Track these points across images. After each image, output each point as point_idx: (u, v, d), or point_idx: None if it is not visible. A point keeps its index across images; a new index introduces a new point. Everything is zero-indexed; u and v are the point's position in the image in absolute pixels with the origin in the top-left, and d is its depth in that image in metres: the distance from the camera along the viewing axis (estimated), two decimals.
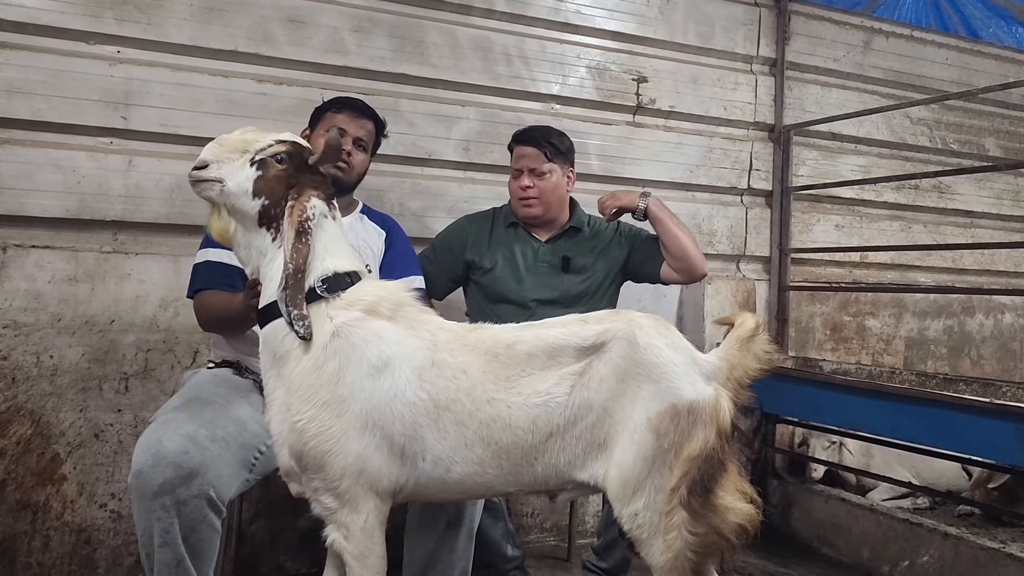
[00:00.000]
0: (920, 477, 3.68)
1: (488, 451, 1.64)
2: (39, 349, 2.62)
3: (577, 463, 1.67)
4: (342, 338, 1.63)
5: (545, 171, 2.71)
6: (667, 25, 3.67)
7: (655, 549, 1.62)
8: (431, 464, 1.64)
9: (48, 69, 2.64)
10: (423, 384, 1.63)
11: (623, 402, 1.64)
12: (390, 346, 1.65)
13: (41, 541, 2.60)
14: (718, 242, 3.81)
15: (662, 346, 1.67)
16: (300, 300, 1.63)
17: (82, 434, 2.65)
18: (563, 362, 1.67)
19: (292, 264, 1.63)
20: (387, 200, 3.08)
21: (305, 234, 1.66)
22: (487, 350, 1.68)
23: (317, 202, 1.71)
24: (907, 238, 4.30)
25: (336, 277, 1.69)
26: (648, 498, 1.61)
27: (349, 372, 1.61)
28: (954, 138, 4.47)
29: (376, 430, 1.61)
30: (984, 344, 4.57)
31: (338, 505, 1.63)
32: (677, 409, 1.62)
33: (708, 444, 1.61)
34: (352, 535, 1.63)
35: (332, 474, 1.60)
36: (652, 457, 1.60)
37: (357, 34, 3.07)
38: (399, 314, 1.71)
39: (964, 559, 2.79)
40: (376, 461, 1.61)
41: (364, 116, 2.46)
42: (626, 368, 1.65)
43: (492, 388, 1.65)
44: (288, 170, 1.71)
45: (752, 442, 3.59)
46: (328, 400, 1.60)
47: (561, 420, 1.64)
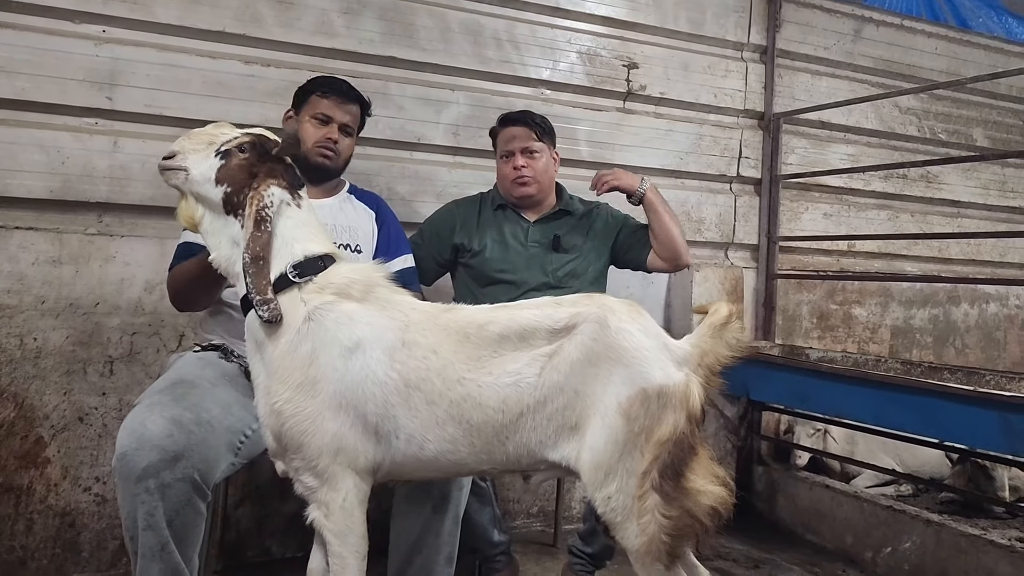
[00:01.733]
0: (903, 464, 3.71)
1: (460, 429, 1.67)
2: (23, 331, 2.59)
3: (548, 443, 1.68)
4: (315, 321, 1.67)
5: (536, 150, 2.71)
6: (658, 11, 3.66)
7: (630, 532, 1.63)
8: (404, 442, 1.67)
9: (32, 48, 2.61)
10: (394, 364, 1.66)
11: (594, 385, 1.65)
12: (361, 327, 1.68)
13: (24, 524, 2.59)
14: (707, 229, 3.81)
15: (633, 331, 1.68)
16: (264, 286, 1.67)
17: (66, 417, 2.64)
18: (535, 344, 1.69)
19: (250, 252, 1.67)
20: (376, 184, 3.06)
21: (263, 222, 1.70)
22: (459, 330, 1.70)
23: (276, 190, 1.74)
24: (894, 227, 4.32)
25: (307, 262, 1.73)
26: (621, 481, 1.62)
27: (322, 354, 1.65)
28: (942, 128, 4.49)
29: (350, 409, 1.64)
30: (969, 333, 4.60)
31: (318, 484, 1.66)
32: (647, 393, 1.63)
33: (678, 428, 1.63)
34: (332, 513, 1.66)
35: (310, 453, 1.64)
36: (623, 441, 1.62)
37: (346, 16, 3.04)
38: (371, 295, 1.74)
39: (946, 545, 2.82)
40: (351, 439, 1.64)
41: (350, 101, 2.45)
42: (597, 351, 1.66)
43: (463, 368, 1.67)
44: (250, 159, 1.75)
45: (738, 429, 3.61)
46: (302, 382, 1.64)
47: (531, 400, 1.66)
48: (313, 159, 2.39)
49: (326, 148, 2.39)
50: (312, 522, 1.69)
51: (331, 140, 2.39)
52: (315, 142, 2.38)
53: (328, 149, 2.39)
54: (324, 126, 2.39)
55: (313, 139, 2.38)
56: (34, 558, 2.60)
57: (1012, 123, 4.74)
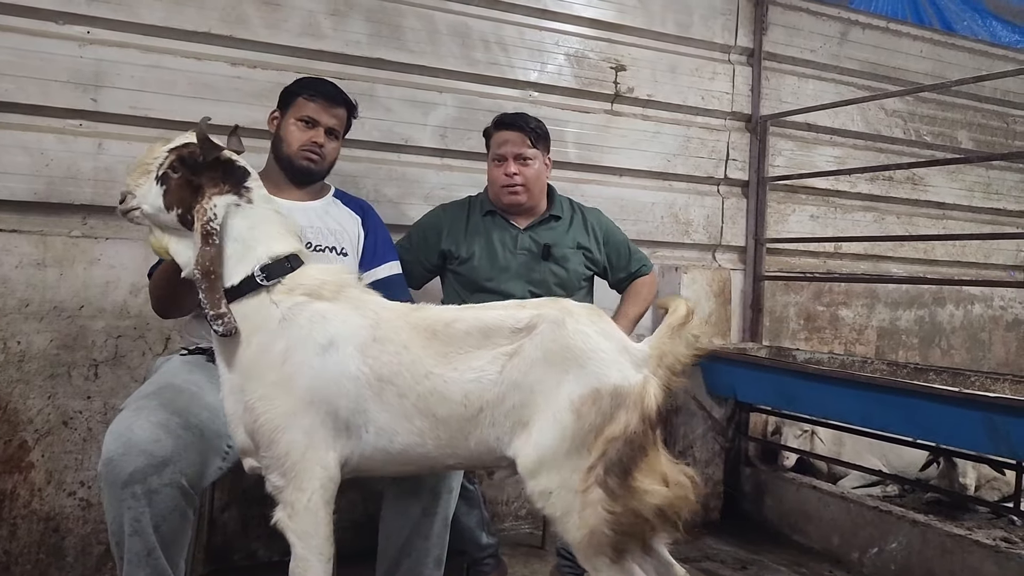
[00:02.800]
0: (890, 465, 3.73)
1: (427, 422, 1.70)
2: (6, 335, 2.57)
3: (505, 440, 1.71)
4: (289, 321, 1.71)
5: (529, 156, 2.70)
6: (646, 14, 3.67)
7: (570, 525, 1.65)
8: (375, 435, 1.71)
9: (16, 49, 2.58)
10: (366, 359, 1.70)
11: (548, 383, 1.68)
12: (335, 325, 1.72)
13: (8, 530, 2.56)
14: (694, 232, 3.82)
15: (591, 332, 1.72)
16: (216, 300, 1.70)
17: (50, 421, 2.61)
18: (498, 342, 1.73)
19: (200, 268, 1.70)
20: (363, 186, 3.05)
21: (210, 236, 1.72)
22: (427, 328, 1.75)
23: (218, 200, 1.75)
24: (880, 229, 4.35)
25: (274, 264, 1.76)
26: (563, 476, 1.65)
27: (297, 351, 1.69)
28: (928, 130, 4.52)
29: (322, 405, 1.67)
30: (954, 334, 4.64)
31: (284, 483, 1.69)
32: (600, 393, 1.66)
33: (630, 428, 1.65)
34: (296, 513, 1.68)
35: (281, 449, 1.67)
36: (571, 437, 1.65)
37: (333, 17, 3.03)
38: (342, 295, 1.77)
39: (931, 545, 2.83)
40: (321, 436, 1.68)
41: (336, 104, 2.43)
42: (554, 351, 1.69)
43: (431, 363, 1.71)
44: (184, 175, 1.77)
45: (726, 431, 3.62)
46: (276, 380, 1.68)
47: (491, 396, 1.69)
48: (298, 162, 2.38)
49: (311, 152, 2.38)
50: (276, 523, 1.70)
51: (316, 144, 2.38)
52: (300, 145, 2.37)
53: (314, 152, 2.38)
54: (310, 129, 2.38)
55: (299, 142, 2.37)
56: (18, 563, 2.57)
57: (996, 125, 4.77)
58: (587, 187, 3.48)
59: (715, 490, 3.61)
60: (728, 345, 3.61)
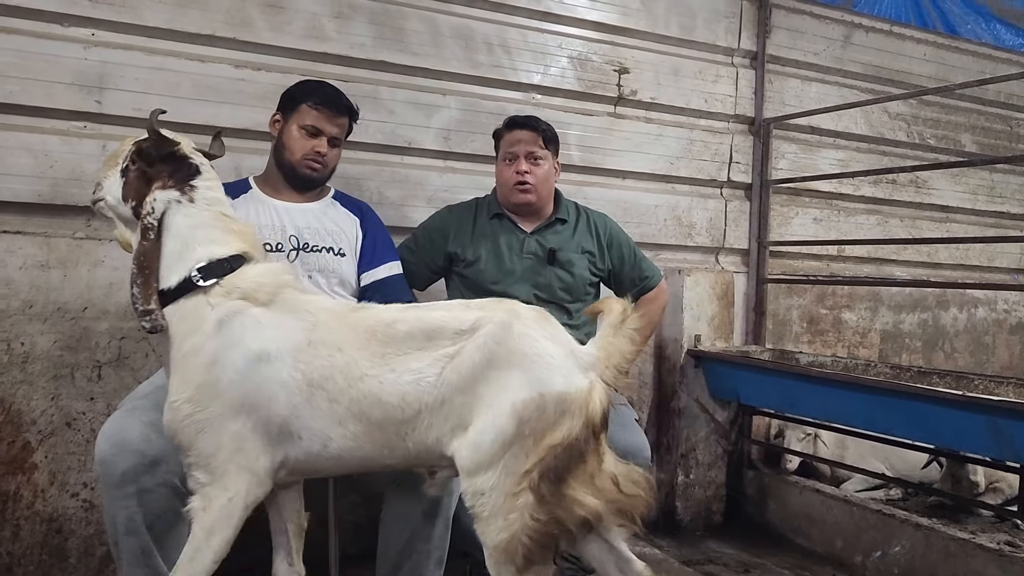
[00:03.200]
0: (893, 468, 3.72)
1: (361, 426, 1.68)
2: (10, 336, 2.57)
3: (445, 441, 1.69)
4: (220, 325, 1.69)
5: (540, 156, 2.71)
6: (649, 16, 3.67)
7: (492, 528, 1.64)
8: (307, 441, 1.68)
9: (20, 51, 2.59)
10: (298, 365, 1.67)
11: (491, 387, 1.66)
12: (267, 331, 1.69)
13: (11, 531, 2.56)
14: (697, 234, 3.82)
15: (537, 337, 1.70)
16: (148, 296, 1.69)
17: (54, 422, 2.62)
18: (440, 344, 1.70)
19: (135, 262, 1.71)
20: (366, 189, 3.05)
21: (147, 231, 1.72)
22: (367, 328, 1.72)
23: (159, 195, 1.76)
24: (884, 232, 4.35)
25: (213, 264, 1.73)
26: (497, 478, 1.63)
27: (226, 357, 1.66)
28: (931, 133, 4.52)
29: (252, 411, 1.65)
30: (958, 337, 4.63)
31: (209, 480, 1.66)
32: (544, 398, 1.64)
33: (572, 434, 1.63)
34: (211, 508, 1.65)
35: (206, 451, 1.65)
36: (509, 441, 1.63)
37: (337, 20, 3.04)
38: (279, 298, 1.74)
39: (935, 549, 2.83)
40: (252, 441, 1.66)
41: (341, 113, 2.44)
42: (498, 354, 1.67)
43: (366, 365, 1.68)
44: (140, 167, 1.78)
45: (728, 434, 3.62)
46: (204, 382, 1.65)
47: (429, 399, 1.67)
48: (301, 171, 2.40)
49: (314, 161, 2.40)
50: (188, 510, 1.67)
51: (319, 154, 2.39)
52: (304, 155, 2.38)
53: (316, 162, 2.40)
54: (313, 138, 2.39)
55: (302, 151, 2.38)
56: (20, 564, 2.57)
57: (1000, 129, 4.77)
58: (590, 190, 3.48)
59: (718, 493, 3.60)
60: (731, 348, 3.61)
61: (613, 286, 2.92)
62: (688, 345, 3.52)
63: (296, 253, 2.37)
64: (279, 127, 2.45)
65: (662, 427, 3.63)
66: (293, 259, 2.37)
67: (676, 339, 3.55)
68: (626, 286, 2.90)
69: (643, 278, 2.90)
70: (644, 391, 3.65)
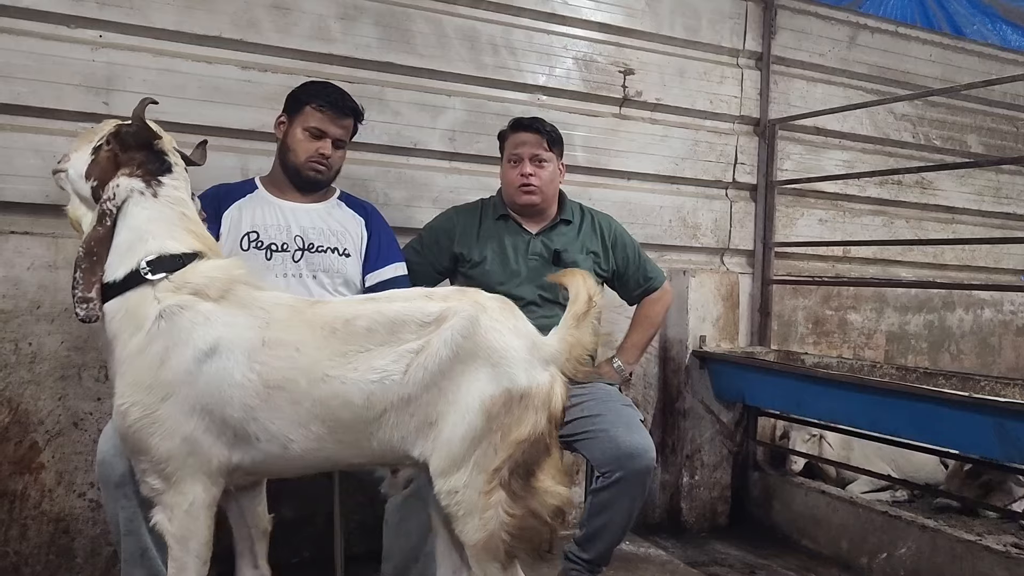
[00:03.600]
0: (899, 470, 3.72)
1: (325, 427, 1.64)
2: (18, 336, 2.58)
3: (410, 440, 1.66)
4: (167, 321, 1.62)
5: (545, 159, 2.71)
6: (654, 17, 3.67)
7: (470, 527, 1.64)
8: (267, 443, 1.63)
9: (29, 52, 2.60)
10: (253, 365, 1.61)
11: (458, 382, 1.64)
12: (218, 328, 1.62)
13: (18, 530, 2.57)
14: (702, 235, 3.82)
15: (504, 330, 1.68)
16: (91, 283, 1.64)
17: (61, 422, 2.63)
18: (404, 338, 1.65)
19: (84, 246, 1.66)
20: (372, 190, 3.06)
21: (104, 216, 1.67)
22: (325, 325, 1.66)
23: (124, 181, 1.71)
24: (889, 233, 4.34)
25: (163, 258, 1.68)
26: (469, 476, 1.62)
27: (174, 356, 1.60)
28: (937, 134, 4.51)
29: (204, 414, 1.60)
30: (964, 339, 4.62)
31: (164, 486, 1.63)
32: (511, 394, 1.63)
33: (537, 429, 1.64)
34: (175, 517, 1.62)
35: (158, 456, 1.60)
36: (479, 438, 1.62)
37: (343, 22, 3.04)
38: (231, 294, 1.68)
39: (941, 551, 2.82)
40: (206, 444, 1.61)
41: (344, 115, 2.45)
42: (465, 348, 1.64)
43: (328, 365, 1.62)
44: (113, 150, 1.75)
45: (734, 435, 3.61)
46: (152, 384, 1.59)
47: (395, 397, 1.64)
48: (305, 173, 2.42)
49: (318, 163, 2.41)
50: (155, 526, 1.65)
51: (324, 155, 2.41)
52: (308, 157, 2.40)
53: (320, 164, 2.42)
54: (317, 140, 2.40)
55: (306, 153, 2.40)
56: (28, 564, 2.58)
57: (1006, 130, 4.76)
58: (595, 191, 3.48)
59: (723, 494, 3.60)
60: (736, 349, 3.61)
61: (617, 287, 2.93)
62: (693, 346, 3.51)
63: (301, 253, 2.39)
64: (284, 129, 2.46)
65: (667, 428, 3.62)
66: (298, 259, 2.38)
67: (681, 340, 3.55)
68: (630, 287, 2.90)
69: (647, 279, 2.90)
70: (649, 392, 3.65)
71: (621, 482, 2.41)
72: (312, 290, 2.36)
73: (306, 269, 2.38)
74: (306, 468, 1.73)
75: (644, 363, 3.55)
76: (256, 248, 2.36)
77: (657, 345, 3.61)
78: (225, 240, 2.37)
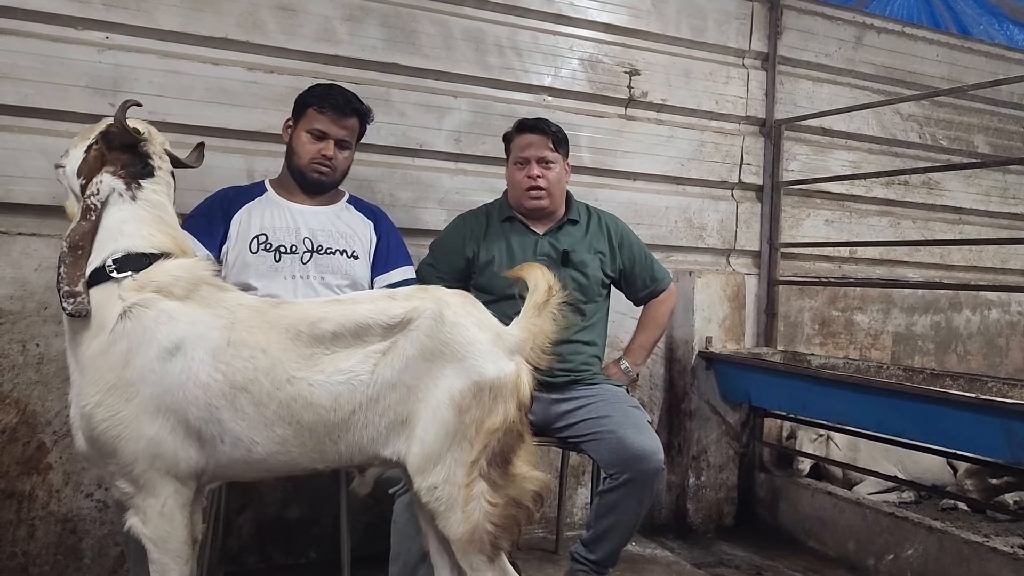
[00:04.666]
0: (906, 471, 3.71)
1: (290, 430, 1.64)
2: (25, 337, 2.59)
3: (380, 440, 1.68)
4: (130, 320, 1.61)
5: (551, 160, 2.70)
6: (660, 18, 3.67)
7: (453, 521, 1.65)
8: (231, 446, 1.63)
9: (36, 54, 2.61)
10: (218, 365, 1.60)
11: (427, 380, 1.66)
12: (182, 327, 1.62)
13: (26, 531, 2.58)
14: (708, 236, 3.81)
15: (468, 324, 1.71)
16: (76, 277, 1.63)
17: (68, 423, 2.62)
18: (369, 340, 1.67)
19: (68, 240, 1.66)
20: (377, 191, 3.06)
21: (88, 211, 1.68)
22: (289, 327, 1.66)
23: (107, 178, 1.73)
24: (896, 234, 4.32)
25: (129, 257, 1.68)
26: (448, 471, 1.64)
27: (138, 355, 1.59)
28: (944, 134, 4.49)
29: (169, 414, 1.59)
30: (971, 340, 4.60)
31: (134, 490, 1.62)
32: (480, 386, 1.66)
33: (508, 417, 1.67)
34: (149, 520, 1.61)
35: (125, 459, 1.59)
36: (453, 432, 1.64)
37: (349, 23, 3.05)
38: (196, 293, 1.67)
39: (948, 552, 2.81)
40: (171, 445, 1.59)
41: (347, 116, 2.45)
42: (431, 347, 1.67)
43: (293, 367, 1.63)
44: (100, 149, 1.76)
45: (740, 436, 3.61)
46: (116, 384, 1.58)
47: (363, 398, 1.65)
48: (309, 175, 2.43)
49: (321, 164, 2.42)
50: (129, 529, 1.63)
51: (326, 157, 2.41)
52: (311, 158, 2.41)
53: (324, 165, 2.43)
54: (319, 142, 2.41)
55: (309, 155, 2.41)
56: (36, 564, 2.59)
57: (1013, 130, 4.74)
58: (601, 191, 3.48)
59: (729, 495, 3.59)
60: (742, 350, 3.60)
61: (624, 288, 2.92)
62: (699, 347, 3.51)
63: (310, 255, 2.39)
64: (290, 132, 2.47)
65: (673, 429, 3.62)
66: (307, 261, 2.39)
67: (687, 341, 3.55)
68: (637, 288, 2.90)
69: (654, 280, 2.90)
70: (655, 393, 3.65)
71: (629, 483, 2.41)
72: (319, 292, 2.37)
73: (314, 271, 2.39)
74: (270, 472, 1.73)
75: (650, 364, 3.54)
76: (265, 250, 2.37)
77: (663, 346, 3.61)
78: (235, 243, 2.38)
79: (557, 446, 2.77)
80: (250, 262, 2.36)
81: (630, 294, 2.94)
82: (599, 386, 2.70)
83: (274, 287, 2.33)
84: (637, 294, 2.93)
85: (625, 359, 2.91)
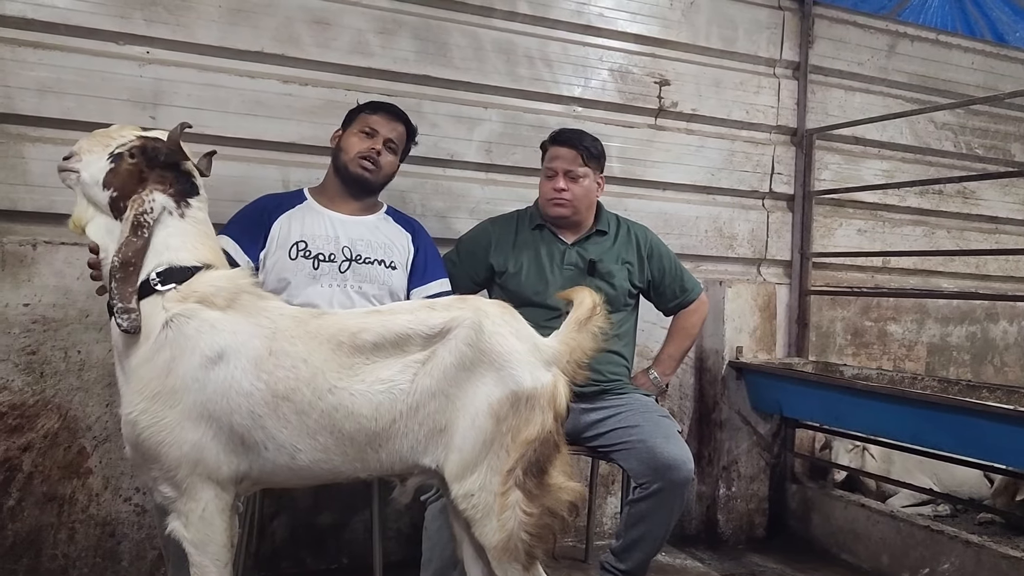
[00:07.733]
0: (941, 484, 3.65)
1: (332, 438, 1.66)
2: (67, 344, 2.65)
3: (419, 448, 1.70)
4: (173, 329, 1.64)
5: (580, 174, 2.72)
6: (690, 28, 3.67)
7: (488, 529, 1.67)
8: (275, 452, 1.66)
9: (78, 69, 2.68)
10: (260, 374, 1.63)
11: (466, 388, 1.68)
12: (224, 336, 1.64)
13: (67, 533, 2.64)
14: (739, 245, 3.80)
15: (506, 334, 1.72)
16: (129, 294, 1.65)
17: (108, 428, 2.69)
18: (409, 350, 1.69)
19: (120, 256, 1.67)
20: (409, 201, 3.10)
21: (140, 227, 1.69)
22: (330, 337, 1.69)
23: (159, 196, 1.74)
24: (930, 243, 4.27)
25: (172, 270, 1.70)
26: (484, 479, 1.66)
27: (181, 363, 1.62)
28: (979, 143, 4.44)
29: (211, 421, 1.62)
30: (1008, 351, 4.53)
31: (176, 494, 1.65)
32: (517, 396, 1.67)
33: (545, 428, 1.68)
34: (191, 523, 1.65)
35: (167, 464, 1.62)
36: (490, 440, 1.66)
37: (382, 36, 3.09)
38: (237, 303, 1.70)
39: (986, 567, 2.77)
40: (213, 451, 1.63)
41: (397, 120, 2.52)
42: (471, 356, 1.68)
43: (334, 377, 1.65)
44: (139, 164, 1.75)
45: (771, 447, 3.58)
46: (159, 391, 1.61)
47: (404, 407, 1.67)
48: (353, 169, 2.45)
49: (367, 159, 2.44)
50: (171, 532, 1.67)
51: (374, 151, 2.44)
52: (358, 152, 2.44)
53: (369, 160, 2.45)
54: (369, 139, 2.45)
55: (356, 149, 2.44)
56: (76, 566, 2.65)
57: None
58: (631, 201, 3.49)
59: (760, 506, 3.56)
60: (773, 360, 3.58)
61: (653, 298, 2.92)
62: (730, 357, 3.50)
63: (348, 264, 2.42)
64: (339, 139, 2.52)
65: (703, 439, 3.60)
66: (345, 270, 2.41)
67: (717, 351, 3.54)
68: (666, 298, 2.90)
69: (683, 291, 2.90)
70: (685, 403, 3.64)
71: (659, 493, 2.41)
72: (356, 301, 2.39)
73: (352, 280, 2.41)
74: (313, 479, 1.76)
75: (680, 374, 3.54)
76: (304, 257, 2.40)
77: (693, 356, 3.60)
78: (274, 250, 2.41)
79: (587, 455, 2.77)
80: (289, 268, 2.39)
81: (659, 304, 2.94)
82: (628, 395, 2.70)
83: (311, 293, 2.36)
84: (667, 304, 2.92)
85: (654, 369, 2.91)
